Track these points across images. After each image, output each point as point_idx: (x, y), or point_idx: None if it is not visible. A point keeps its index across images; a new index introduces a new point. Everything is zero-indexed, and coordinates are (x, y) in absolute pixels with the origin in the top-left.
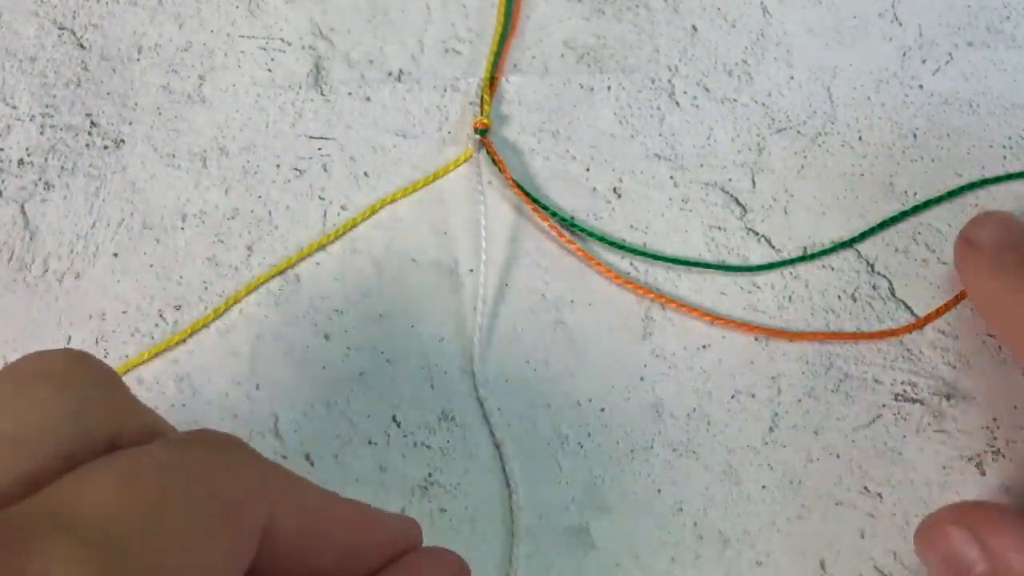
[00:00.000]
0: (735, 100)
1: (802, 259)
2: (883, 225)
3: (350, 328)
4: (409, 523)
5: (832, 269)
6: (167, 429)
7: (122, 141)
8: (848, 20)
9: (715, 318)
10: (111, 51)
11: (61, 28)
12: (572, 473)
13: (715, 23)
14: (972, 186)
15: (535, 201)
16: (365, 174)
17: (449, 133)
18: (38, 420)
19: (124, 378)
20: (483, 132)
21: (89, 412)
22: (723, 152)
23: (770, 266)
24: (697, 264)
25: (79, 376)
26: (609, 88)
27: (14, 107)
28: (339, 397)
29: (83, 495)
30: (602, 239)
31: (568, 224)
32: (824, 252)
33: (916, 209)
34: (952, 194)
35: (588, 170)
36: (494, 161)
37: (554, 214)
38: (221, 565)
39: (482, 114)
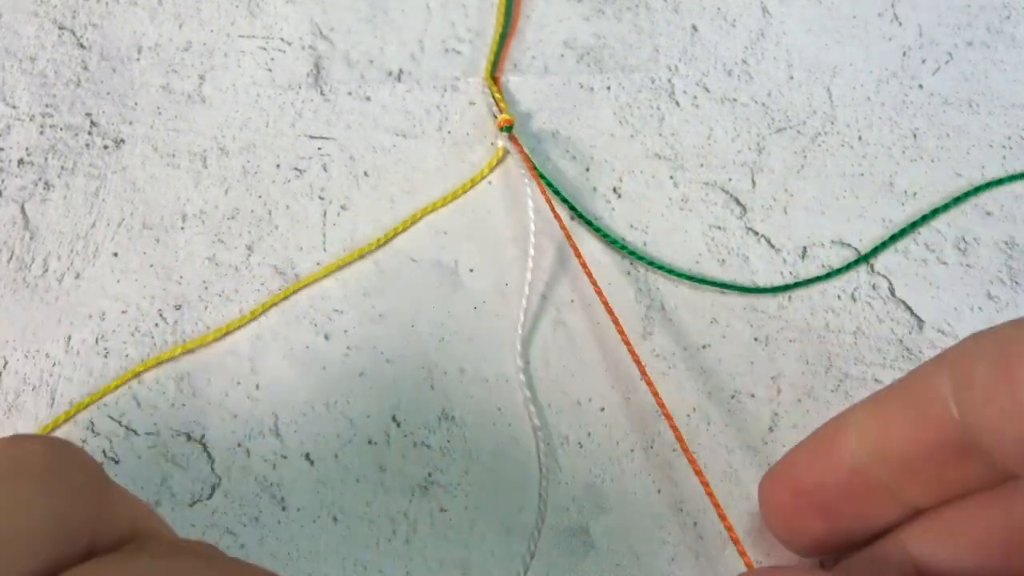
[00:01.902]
0: (735, 100)
1: (818, 279)
2: (894, 238)
3: (350, 328)
4: None
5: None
6: (147, 520)
7: (122, 141)
8: (848, 20)
9: None
10: (111, 51)
11: (61, 28)
12: (572, 473)
13: (715, 23)
14: (977, 191)
15: (564, 201)
16: (365, 174)
17: (449, 133)
18: (23, 523)
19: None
20: (508, 129)
21: (72, 513)
22: (723, 152)
23: (785, 287)
24: (703, 281)
25: (62, 474)
26: (609, 88)
27: (14, 107)
28: (339, 397)
29: None
30: (612, 242)
31: (594, 227)
32: (839, 271)
33: (925, 219)
34: (958, 200)
35: (588, 170)
36: (520, 157)
37: (580, 215)
38: None
39: (501, 112)
